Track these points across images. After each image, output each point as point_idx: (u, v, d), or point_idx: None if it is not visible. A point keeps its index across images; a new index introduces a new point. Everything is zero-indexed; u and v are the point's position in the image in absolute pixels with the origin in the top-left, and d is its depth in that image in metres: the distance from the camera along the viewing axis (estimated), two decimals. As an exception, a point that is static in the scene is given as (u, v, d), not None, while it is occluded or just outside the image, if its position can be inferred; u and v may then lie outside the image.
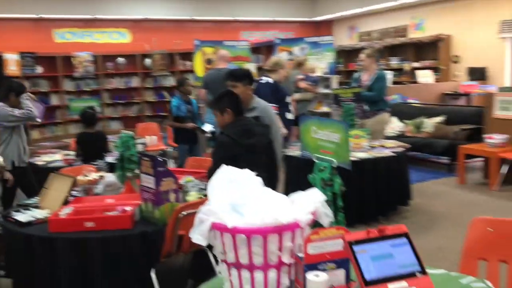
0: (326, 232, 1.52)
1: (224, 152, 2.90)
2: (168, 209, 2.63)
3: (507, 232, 2.10)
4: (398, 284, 1.25)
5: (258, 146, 2.96)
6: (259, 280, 1.60)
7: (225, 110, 3.09)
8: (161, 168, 2.60)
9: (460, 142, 6.13)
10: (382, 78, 5.54)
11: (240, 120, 3.03)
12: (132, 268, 2.56)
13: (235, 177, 1.72)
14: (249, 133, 2.98)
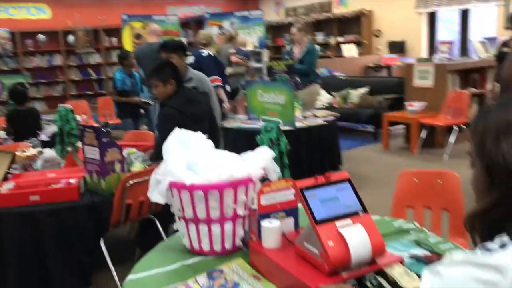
0: (276, 184, 1.67)
1: (171, 123, 2.92)
2: (114, 179, 2.66)
3: (429, 182, 2.37)
4: (343, 222, 1.41)
5: (201, 115, 3.04)
6: (216, 233, 1.72)
7: (168, 81, 3.08)
8: (106, 138, 2.62)
9: (384, 111, 6.55)
10: (313, 51, 5.76)
11: (182, 91, 3.08)
12: (82, 238, 2.58)
13: (188, 139, 1.80)
14: (192, 102, 3.04)
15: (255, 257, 1.63)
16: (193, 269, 1.65)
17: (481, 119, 0.94)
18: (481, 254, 0.82)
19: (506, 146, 0.86)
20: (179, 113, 2.95)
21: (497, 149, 0.88)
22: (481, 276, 0.78)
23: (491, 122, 0.91)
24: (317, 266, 1.40)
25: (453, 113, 5.70)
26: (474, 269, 0.80)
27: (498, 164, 0.87)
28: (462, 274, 0.81)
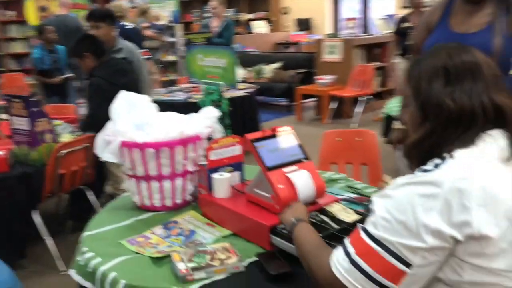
0: (224, 140, 1.80)
1: (101, 93, 2.92)
2: (46, 149, 2.62)
3: (350, 140, 2.63)
4: (290, 168, 1.59)
5: (131, 85, 3.05)
6: (167, 189, 1.82)
7: (83, 55, 3.06)
8: (35, 108, 2.57)
9: (296, 85, 6.89)
10: (231, 26, 5.91)
11: (109, 61, 3.06)
12: (14, 210, 2.53)
13: (134, 102, 1.87)
14: (121, 72, 3.04)
15: (207, 208, 1.76)
16: (147, 223, 1.74)
17: (415, 66, 1.13)
18: (420, 175, 1.00)
19: (437, 86, 1.06)
20: (109, 83, 2.94)
21: (430, 89, 1.07)
22: (423, 191, 0.97)
23: (423, 68, 1.10)
24: (268, 208, 1.56)
25: (359, 85, 6.16)
26: (416, 186, 0.98)
27: (431, 101, 1.06)
28: (407, 192, 0.99)
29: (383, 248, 0.98)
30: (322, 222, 1.55)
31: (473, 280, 0.96)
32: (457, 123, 1.03)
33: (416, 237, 0.94)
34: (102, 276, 1.42)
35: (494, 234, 0.93)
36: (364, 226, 1.03)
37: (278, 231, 1.46)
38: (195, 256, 1.42)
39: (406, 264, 0.95)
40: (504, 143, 1.02)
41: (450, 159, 0.99)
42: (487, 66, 1.06)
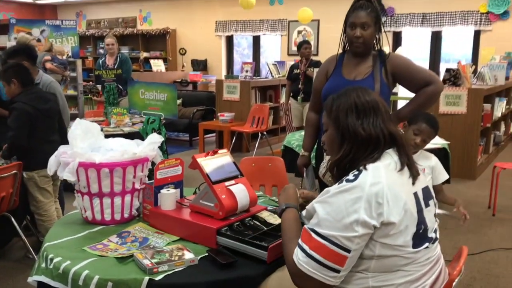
0: (169, 162, 2.12)
1: (24, 118, 3.03)
2: (-25, 176, 2.68)
3: (262, 165, 3.07)
4: (230, 182, 1.96)
5: (52, 111, 3.21)
6: (117, 204, 2.09)
7: (11, 81, 3.16)
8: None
9: (197, 121, 7.28)
10: (127, 61, 6.20)
11: (31, 89, 3.19)
12: None
13: (89, 128, 2.12)
14: (43, 99, 3.19)
15: (155, 220, 2.05)
16: (101, 234, 1.98)
17: (334, 102, 1.56)
18: (346, 184, 1.40)
19: (351, 119, 1.49)
20: (32, 108, 3.06)
21: (347, 121, 1.50)
22: (350, 196, 1.36)
23: (341, 104, 1.53)
24: (211, 215, 1.91)
25: (256, 122, 6.74)
26: (345, 193, 1.37)
27: (348, 130, 1.49)
28: (339, 198, 1.38)
29: (328, 241, 1.35)
30: (255, 225, 1.94)
31: (381, 254, 1.39)
32: (366, 145, 1.47)
33: (351, 229, 1.34)
34: (75, 275, 1.64)
35: (396, 220, 1.36)
36: (311, 227, 1.40)
37: (222, 232, 1.82)
38: (155, 255, 1.71)
39: (347, 251, 1.34)
40: (397, 158, 1.48)
41: (365, 171, 1.42)
42: (382, 104, 1.54)
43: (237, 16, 10.23)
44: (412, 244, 1.40)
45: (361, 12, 2.27)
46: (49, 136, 3.17)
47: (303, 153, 2.73)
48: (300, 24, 9.15)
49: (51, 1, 12.85)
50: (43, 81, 3.59)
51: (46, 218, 3.18)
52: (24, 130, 3.02)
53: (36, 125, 3.07)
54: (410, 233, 1.40)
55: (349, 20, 2.31)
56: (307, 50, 6.08)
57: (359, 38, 2.29)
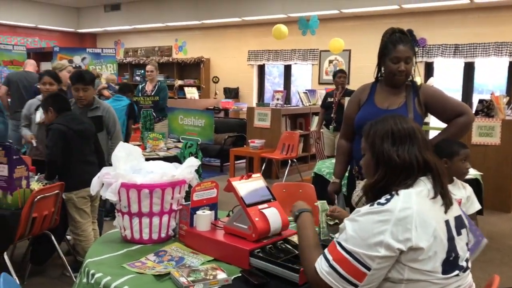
0: (205, 184, 2.22)
1: (57, 135, 3.24)
2: (21, 194, 2.84)
3: (293, 191, 3.13)
4: (263, 205, 2.03)
5: (87, 132, 3.41)
6: (155, 224, 2.18)
7: (48, 109, 3.44)
8: (15, 156, 2.81)
9: (228, 147, 7.42)
10: (165, 89, 6.41)
11: (67, 113, 3.42)
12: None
13: (131, 151, 2.24)
14: (77, 121, 3.41)
15: (190, 240, 2.13)
16: (139, 253, 2.07)
17: (371, 128, 1.63)
18: (376, 206, 1.45)
19: (386, 145, 1.55)
20: (65, 127, 3.27)
21: (382, 147, 1.56)
22: (378, 218, 1.42)
23: (377, 131, 1.60)
24: (245, 237, 1.98)
25: (286, 149, 6.82)
26: (374, 215, 1.43)
27: (383, 156, 1.55)
28: (368, 218, 1.44)
29: (351, 256, 1.41)
30: (287, 248, 1.99)
31: (410, 278, 1.42)
32: (400, 171, 1.52)
33: (374, 249, 1.39)
34: (115, 290, 1.73)
35: (425, 246, 1.39)
36: (338, 240, 1.47)
37: (255, 254, 1.88)
38: (191, 273, 1.79)
39: (367, 268, 1.40)
40: (430, 186, 1.51)
41: (396, 195, 1.47)
42: (419, 131, 1.59)
43: (269, 46, 10.45)
44: (442, 270, 1.43)
45: (403, 47, 2.34)
46: (85, 157, 3.34)
47: (334, 180, 2.78)
48: (331, 53, 9.28)
49: (91, 30, 13.42)
50: (103, 105, 3.79)
51: (83, 238, 3.30)
52: (58, 147, 3.23)
53: (71, 145, 3.27)
54: (440, 259, 1.43)
55: (391, 54, 2.37)
56: (341, 79, 6.17)
57: (402, 72, 2.36)
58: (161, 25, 11.70)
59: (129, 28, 12.55)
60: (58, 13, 12.77)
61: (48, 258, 3.34)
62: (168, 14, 11.27)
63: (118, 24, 12.40)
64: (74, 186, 3.26)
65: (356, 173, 2.53)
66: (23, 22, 12.05)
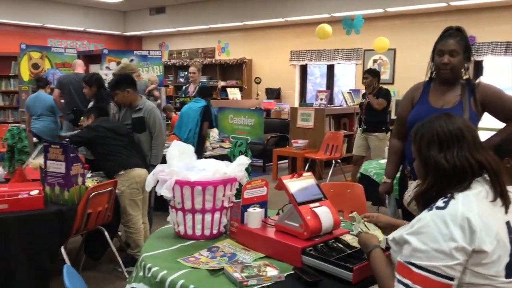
0: (255, 182, 2.24)
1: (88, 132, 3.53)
2: (77, 190, 2.95)
3: (341, 191, 3.11)
4: (314, 204, 2.03)
5: (120, 129, 3.64)
6: (208, 221, 2.22)
7: (89, 115, 3.76)
8: (72, 154, 2.92)
9: (271, 147, 7.43)
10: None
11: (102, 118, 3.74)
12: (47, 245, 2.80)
13: (184, 150, 2.29)
14: (108, 121, 3.72)
15: (241, 237, 2.15)
16: (192, 248, 2.11)
17: (418, 132, 1.57)
18: (436, 211, 1.39)
19: (433, 152, 1.49)
20: (97, 125, 3.56)
21: (429, 154, 1.50)
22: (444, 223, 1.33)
23: (423, 135, 1.54)
24: (297, 235, 1.98)
25: (330, 150, 6.77)
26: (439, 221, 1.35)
27: (430, 163, 1.50)
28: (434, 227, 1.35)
29: (431, 273, 1.32)
30: (338, 247, 1.98)
31: (472, 282, 1.37)
32: (451, 177, 1.46)
33: (451, 257, 1.32)
34: (171, 284, 1.77)
35: (489, 250, 1.34)
36: (408, 260, 1.37)
37: (307, 252, 1.89)
38: (245, 269, 1.81)
39: (450, 279, 1.32)
40: (488, 186, 1.45)
41: (453, 199, 1.41)
42: (468, 131, 1.51)
43: (312, 45, 10.41)
44: (505, 274, 1.38)
45: (450, 40, 2.30)
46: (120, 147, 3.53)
47: (385, 180, 2.74)
48: (376, 53, 9.14)
49: (137, 33, 13.76)
50: (146, 106, 3.89)
51: (134, 231, 3.42)
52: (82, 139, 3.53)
53: (103, 138, 3.49)
54: (503, 263, 1.38)
55: (438, 47, 2.35)
56: (364, 80, 6.00)
57: (447, 65, 2.31)
58: (205, 27, 11.85)
59: (173, 31, 12.79)
60: (106, 17, 13.16)
61: (103, 253, 3.47)
62: (211, 16, 11.41)
63: (163, 27, 12.67)
64: (114, 171, 3.44)
65: (408, 173, 2.49)
66: (73, 26, 12.49)
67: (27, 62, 7.50)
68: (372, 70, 6.09)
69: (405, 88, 2.79)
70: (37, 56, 7.54)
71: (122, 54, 7.95)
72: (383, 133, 5.93)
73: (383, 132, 5.94)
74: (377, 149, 5.90)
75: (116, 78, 4.01)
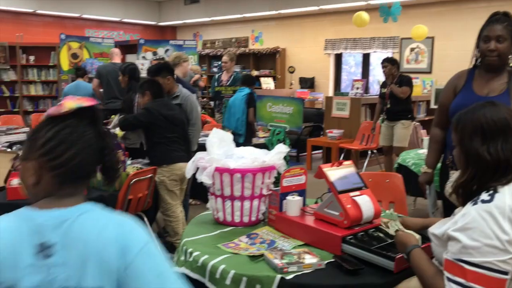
0: (294, 171, 2.24)
1: (145, 118, 3.50)
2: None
3: (380, 181, 3.07)
4: (354, 193, 2.02)
5: (176, 119, 3.57)
6: (246, 208, 2.24)
7: (144, 92, 3.62)
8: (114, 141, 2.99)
9: (305, 137, 7.40)
10: (239, 79, 6.49)
11: (159, 99, 3.61)
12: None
13: (223, 137, 2.31)
14: (168, 107, 3.60)
15: (280, 224, 2.16)
16: (232, 234, 2.14)
17: (460, 121, 1.50)
18: (481, 204, 1.35)
19: (476, 143, 1.43)
20: (157, 112, 3.48)
21: (471, 145, 1.44)
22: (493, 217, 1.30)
23: (465, 125, 1.47)
24: (336, 223, 1.98)
25: (366, 140, 6.69)
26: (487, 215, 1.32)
27: (472, 154, 1.43)
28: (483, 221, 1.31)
29: (486, 269, 1.29)
30: (379, 236, 1.97)
31: None
32: (493, 170, 1.40)
33: (505, 251, 1.29)
34: (212, 268, 1.80)
35: None
36: (459, 258, 1.33)
37: (347, 240, 1.88)
38: (284, 256, 1.82)
39: (505, 274, 1.29)
40: None
41: (498, 193, 1.37)
42: None
43: (347, 34, 10.27)
44: None
45: (496, 26, 2.23)
46: (169, 139, 3.52)
47: (426, 170, 2.68)
48: (413, 41, 8.94)
49: (172, 23, 13.89)
50: (183, 93, 3.95)
51: (173, 219, 3.48)
52: (137, 124, 3.57)
53: (157, 126, 3.47)
54: None
55: (483, 33, 2.27)
56: (383, 69, 5.83)
57: (493, 52, 2.23)
58: (238, 16, 11.85)
59: (207, 20, 12.84)
60: (141, 7, 13.33)
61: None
62: (245, 5, 11.40)
63: (197, 17, 12.73)
64: (158, 162, 3.47)
65: (450, 163, 2.43)
66: (109, 16, 12.71)
67: (66, 52, 7.70)
68: (390, 59, 5.96)
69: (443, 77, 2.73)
70: (76, 46, 7.73)
71: (158, 44, 8.06)
72: (408, 120, 5.84)
73: (409, 120, 5.85)
74: (400, 137, 5.81)
75: (158, 65, 4.08)
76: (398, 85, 5.70)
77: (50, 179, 1.11)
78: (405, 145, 5.83)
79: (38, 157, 1.10)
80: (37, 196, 1.13)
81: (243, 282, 1.71)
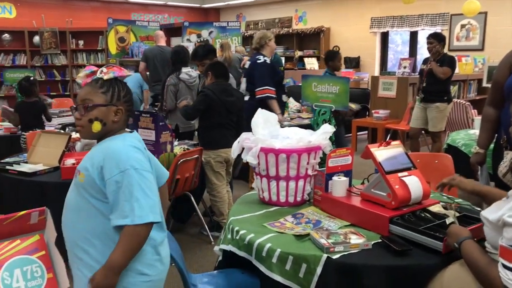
0: (339, 151, 2.22)
1: (203, 103, 3.47)
2: (166, 157, 3.10)
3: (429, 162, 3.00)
4: (403, 173, 1.98)
5: (233, 106, 3.54)
6: (291, 188, 2.24)
7: (207, 73, 3.63)
8: (161, 122, 3.06)
9: (350, 118, 7.29)
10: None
11: (222, 83, 3.59)
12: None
13: (268, 118, 2.32)
14: (227, 92, 3.56)
15: (326, 205, 2.16)
16: (277, 214, 2.15)
17: None
18: None
19: None
20: (214, 95, 3.46)
21: None
22: None
23: None
24: (384, 204, 1.95)
25: (413, 120, 6.51)
26: None
27: None
28: None
29: None
30: (427, 217, 1.93)
31: None
32: None
33: None
34: (259, 246, 1.82)
35: None
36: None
37: (395, 221, 1.86)
38: (331, 236, 1.82)
39: None
40: None
41: None
42: None
43: (393, 11, 9.96)
44: None
45: None
46: (224, 125, 3.50)
47: (477, 150, 2.59)
48: (464, 17, 8.57)
49: (215, 5, 13.91)
50: None
51: (219, 199, 3.53)
52: (197, 112, 3.54)
53: (214, 111, 3.47)
54: None
55: None
56: (429, 45, 5.49)
57: None
58: (281, -4, 11.74)
59: (250, 1, 12.77)
60: (185, -10, 13.42)
61: (189, 217, 3.64)
62: (289, -15, 11.25)
63: (239, -2, 12.69)
64: (210, 147, 3.50)
65: (504, 143, 2.34)
66: (154, 0, 12.86)
67: (114, 36, 7.87)
68: (437, 34, 5.59)
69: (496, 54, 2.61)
70: (123, 30, 7.88)
71: (202, 26, 8.10)
72: (444, 103, 5.49)
73: (445, 102, 5.50)
74: (435, 120, 5.51)
75: (205, 49, 4.11)
76: (439, 64, 5.41)
77: (126, 118, 1.72)
78: (441, 129, 5.57)
79: (123, 103, 1.71)
80: (107, 132, 1.69)
81: (289, 261, 1.73)
